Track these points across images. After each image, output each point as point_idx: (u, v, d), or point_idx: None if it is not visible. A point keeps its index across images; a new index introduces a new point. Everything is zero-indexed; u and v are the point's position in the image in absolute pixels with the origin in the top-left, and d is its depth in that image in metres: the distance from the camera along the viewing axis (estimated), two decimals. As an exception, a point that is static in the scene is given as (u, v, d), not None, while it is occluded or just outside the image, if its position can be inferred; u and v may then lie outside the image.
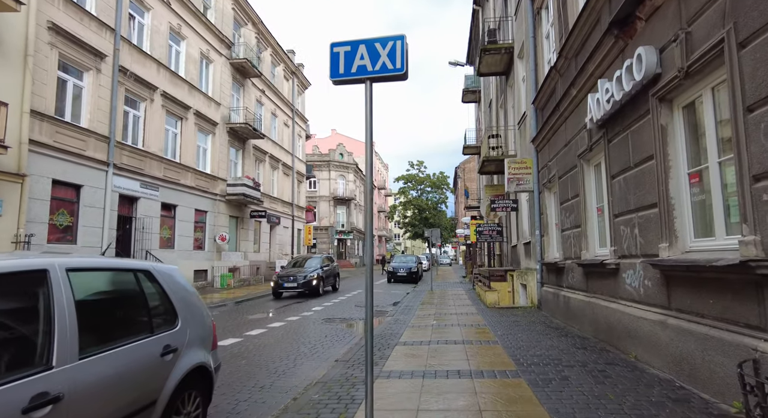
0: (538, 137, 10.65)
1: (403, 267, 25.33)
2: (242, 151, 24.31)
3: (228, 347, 7.48)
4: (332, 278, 19.18)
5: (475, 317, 10.12)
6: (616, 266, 5.99)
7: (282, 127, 30.70)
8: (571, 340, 6.87)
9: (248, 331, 9.12)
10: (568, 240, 8.58)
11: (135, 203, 16.13)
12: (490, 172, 16.51)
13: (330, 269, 18.96)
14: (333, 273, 19.37)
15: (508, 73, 16.07)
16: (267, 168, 27.67)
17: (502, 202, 14.26)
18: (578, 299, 7.75)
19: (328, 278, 18.53)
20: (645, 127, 5.17)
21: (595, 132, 6.71)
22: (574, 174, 8.00)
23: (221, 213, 21.76)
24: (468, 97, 28.84)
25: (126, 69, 15.16)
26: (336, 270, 20.30)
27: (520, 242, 14.17)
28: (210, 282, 20.64)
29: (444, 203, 57.49)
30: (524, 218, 13.69)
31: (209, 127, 20.95)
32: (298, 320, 10.61)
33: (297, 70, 33.31)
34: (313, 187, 51.51)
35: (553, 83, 9.36)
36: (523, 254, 13.57)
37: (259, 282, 23.62)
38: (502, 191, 16.53)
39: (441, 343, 6.92)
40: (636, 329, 5.37)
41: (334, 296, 17.44)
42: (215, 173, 21.31)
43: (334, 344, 7.82)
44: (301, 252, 33.59)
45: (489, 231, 16.58)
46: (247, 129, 22.87)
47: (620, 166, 5.91)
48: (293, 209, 31.86)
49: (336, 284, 19.91)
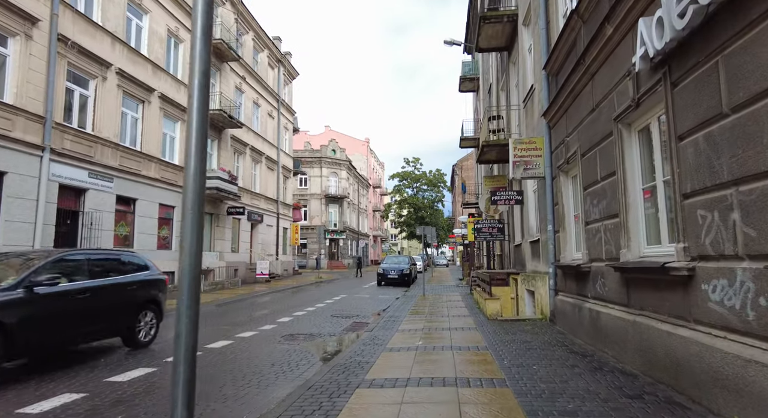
0: (552, 109, 8.57)
1: (395, 269, 23.19)
2: (218, 141, 22.18)
3: (134, 379, 5.40)
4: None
5: (472, 334, 8.02)
6: (689, 272, 3.90)
7: (266, 118, 28.58)
8: (612, 379, 4.78)
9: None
10: (595, 236, 6.50)
11: (83, 196, 13.99)
12: (490, 161, 14.43)
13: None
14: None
15: (510, 48, 14.00)
16: (247, 161, 25.54)
17: (504, 194, 12.18)
18: (614, 316, 5.66)
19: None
20: (761, 39, 3.10)
21: (648, 76, 4.63)
22: (607, 146, 5.92)
23: (192, 209, 19.59)
24: (466, 86, 26.76)
25: (68, 39, 13.01)
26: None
27: (525, 240, 12.09)
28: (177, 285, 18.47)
29: (441, 202, 55.40)
30: (531, 212, 11.60)
31: (178, 113, 18.81)
32: (250, 338, 8.48)
33: (283, 58, 31.20)
34: (304, 184, 49.42)
35: (572, 35, 7.28)
36: (529, 254, 11.49)
37: (235, 286, 21.48)
38: (503, 182, 14.48)
39: (424, 382, 4.82)
40: (738, 377, 3.28)
41: (312, 302, 15.34)
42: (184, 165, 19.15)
43: (277, 379, 5.70)
44: (287, 252, 31.48)
45: (488, 228, 14.50)
46: (221, 117, 20.74)
47: (698, 118, 3.82)
48: (278, 206, 29.73)
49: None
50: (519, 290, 12.14)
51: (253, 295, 17.82)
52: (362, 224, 63.54)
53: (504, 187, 14.34)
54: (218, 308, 13.80)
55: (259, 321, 10.66)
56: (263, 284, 23.40)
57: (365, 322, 10.64)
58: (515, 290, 12.54)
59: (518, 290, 12.30)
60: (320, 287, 22.88)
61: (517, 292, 12.38)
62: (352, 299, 16.72)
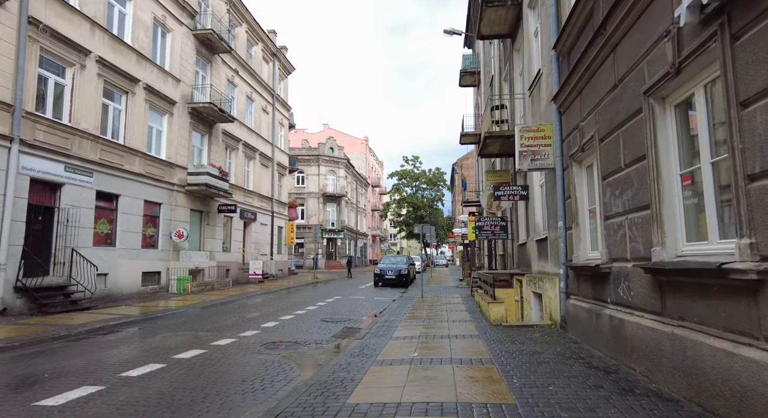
0: (563, 92, 7.69)
1: (392, 269, 22.30)
2: (208, 136, 21.29)
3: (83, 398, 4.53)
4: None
5: (475, 343, 7.14)
6: (759, 275, 3.03)
7: (260, 113, 27.69)
8: (650, 406, 3.90)
9: (131, 370, 6.10)
10: (617, 232, 5.63)
11: (58, 191, 13.09)
12: (492, 155, 13.55)
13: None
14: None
15: (514, 34, 13.13)
16: (240, 157, 24.65)
17: (508, 189, 11.30)
18: (643, 326, 4.79)
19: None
20: None
21: (695, 32, 3.75)
22: (634, 126, 5.05)
23: (180, 206, 18.74)
24: (466, 80, 25.87)
25: (39, 22, 12.13)
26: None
27: (530, 238, 11.21)
28: (165, 286, 17.63)
29: (440, 201, 54.47)
30: (537, 208, 10.73)
31: (165, 105, 17.94)
32: (226, 347, 7.60)
33: (279, 52, 30.31)
34: (301, 183, 48.55)
35: (589, 5, 6.41)
36: (535, 253, 10.61)
37: (226, 286, 20.60)
38: (506, 178, 13.62)
39: (418, 409, 3.94)
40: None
41: (303, 305, 14.48)
42: (172, 160, 18.29)
43: (244, 400, 4.82)
44: (282, 252, 30.60)
45: (491, 226, 13.62)
46: (211, 110, 19.84)
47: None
48: (273, 204, 28.85)
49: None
50: (524, 292, 11.28)
51: (244, 296, 16.95)
52: (361, 223, 62.65)
53: (507, 182, 13.48)
54: (203, 311, 12.93)
55: (241, 326, 9.78)
56: (256, 285, 22.52)
57: (357, 327, 9.76)
58: (520, 293, 11.67)
59: (523, 292, 11.44)
60: (315, 287, 22.01)
61: (522, 294, 11.51)
62: (347, 300, 15.86)
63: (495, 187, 11.57)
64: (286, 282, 24.74)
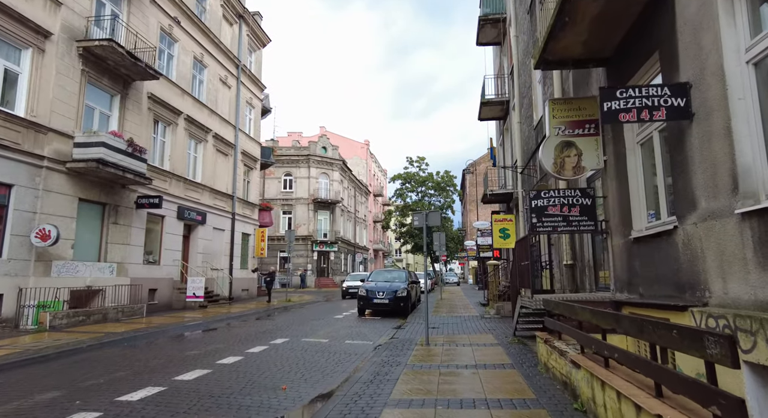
0: None
1: (384, 289, 15.19)
2: (122, 98, 14.82)
3: None
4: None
5: None
6: None
7: (217, 84, 21.33)
8: None
9: None
10: None
11: None
12: (565, 61, 6.83)
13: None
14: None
15: None
16: (180, 136, 18.14)
17: (638, 93, 4.63)
18: None
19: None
20: None
21: None
22: None
23: (54, 191, 12.17)
24: (486, 35, 19.40)
25: None
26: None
27: (702, 220, 4.43)
28: (12, 318, 10.95)
29: (450, 208, 47.52)
30: (742, 140, 3.96)
31: (30, 35, 11.56)
32: None
33: (246, 14, 24.10)
34: (289, 187, 42.08)
35: None
36: (716, 257, 3.83)
37: (135, 315, 13.83)
38: (593, 110, 6.89)
39: None
40: None
41: (214, 354, 7.71)
42: (41, 121, 11.81)
43: None
44: (248, 265, 23.85)
45: (561, 208, 6.89)
46: (119, 55, 13.40)
47: None
48: (234, 204, 22.27)
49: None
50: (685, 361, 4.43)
51: (143, 333, 10.29)
52: (360, 235, 55.88)
53: (594, 120, 6.80)
54: (44, 366, 6.25)
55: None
56: (192, 312, 15.79)
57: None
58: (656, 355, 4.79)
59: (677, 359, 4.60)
60: (270, 318, 15.13)
61: (674, 360, 4.65)
62: (293, 347, 9.04)
63: (602, 99, 4.79)
64: (239, 308, 17.93)
